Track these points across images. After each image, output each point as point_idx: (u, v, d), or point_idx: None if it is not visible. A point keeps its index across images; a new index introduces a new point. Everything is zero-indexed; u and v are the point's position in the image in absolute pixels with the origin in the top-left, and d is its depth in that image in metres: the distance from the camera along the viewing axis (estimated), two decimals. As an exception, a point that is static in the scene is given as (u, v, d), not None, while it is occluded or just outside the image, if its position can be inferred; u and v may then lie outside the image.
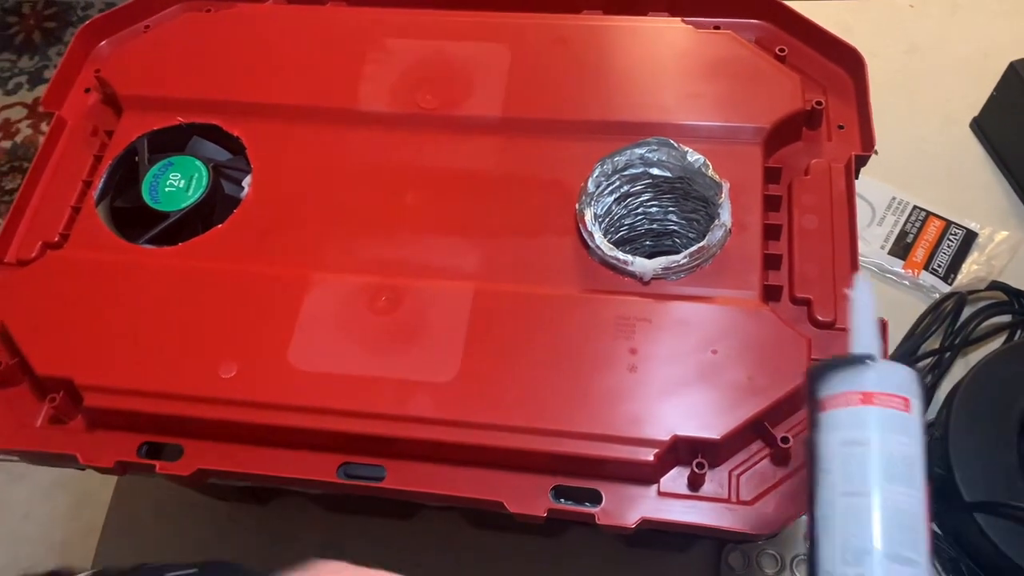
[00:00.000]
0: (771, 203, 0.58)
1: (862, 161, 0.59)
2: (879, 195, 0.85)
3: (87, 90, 0.69)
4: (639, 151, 0.57)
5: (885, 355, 0.42)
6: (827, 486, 0.37)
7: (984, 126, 0.88)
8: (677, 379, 0.51)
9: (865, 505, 0.36)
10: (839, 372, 0.39)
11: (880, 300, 0.50)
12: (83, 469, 0.57)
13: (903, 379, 0.38)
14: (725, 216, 0.54)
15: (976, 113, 0.89)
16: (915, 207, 0.84)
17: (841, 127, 0.61)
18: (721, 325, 0.52)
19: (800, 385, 0.50)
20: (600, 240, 0.55)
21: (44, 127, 0.63)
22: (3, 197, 1.94)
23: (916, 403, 0.38)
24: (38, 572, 0.41)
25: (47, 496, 1.52)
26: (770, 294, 0.55)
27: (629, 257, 0.54)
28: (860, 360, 0.38)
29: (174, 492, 0.81)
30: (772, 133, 0.59)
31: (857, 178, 0.59)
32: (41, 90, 2.09)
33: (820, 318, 0.54)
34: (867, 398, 0.37)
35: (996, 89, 0.86)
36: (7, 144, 2.01)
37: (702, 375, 0.51)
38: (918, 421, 0.38)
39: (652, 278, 0.55)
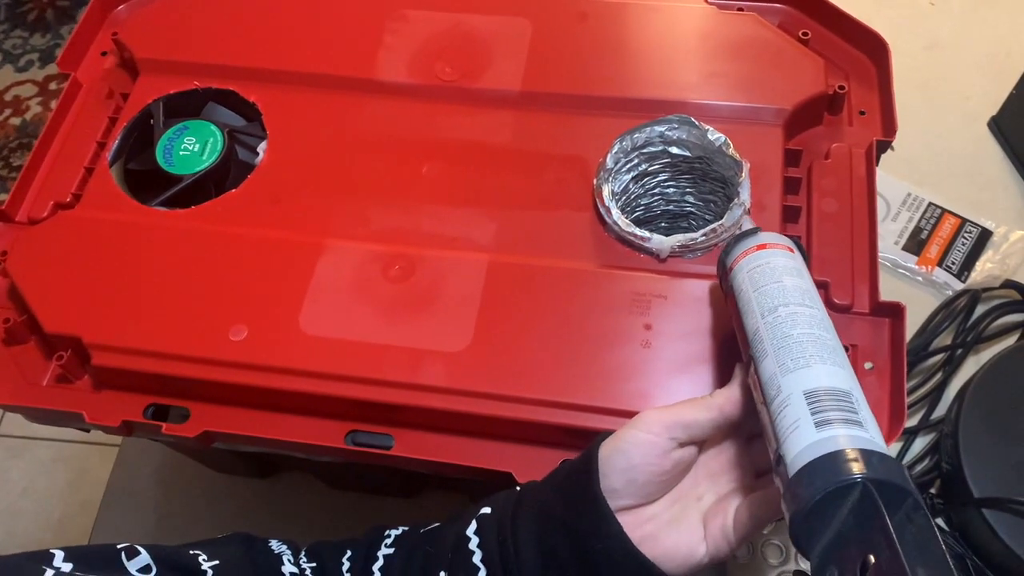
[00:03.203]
0: (791, 185, 0.57)
1: (883, 147, 0.58)
2: (894, 191, 0.85)
3: (103, 53, 0.69)
4: (659, 128, 0.57)
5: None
6: (749, 314, 0.44)
7: (1002, 125, 0.87)
8: (691, 356, 0.51)
9: (784, 316, 0.42)
10: (739, 241, 0.48)
11: (894, 296, 0.52)
12: (88, 431, 0.57)
13: (785, 239, 0.48)
14: (744, 195, 0.54)
15: (995, 112, 0.88)
16: (930, 204, 0.84)
17: (863, 113, 0.61)
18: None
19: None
20: (617, 216, 0.55)
21: (54, 105, 0.63)
22: (11, 174, 1.94)
23: (797, 253, 0.47)
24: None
25: (46, 472, 1.52)
26: (787, 276, 0.54)
27: (647, 234, 0.54)
28: (753, 231, 0.48)
29: (175, 467, 0.81)
30: (794, 115, 0.58)
31: (878, 164, 0.58)
32: (52, 69, 2.09)
33: (837, 301, 0.53)
34: (761, 247, 0.47)
35: (1016, 88, 0.85)
36: (17, 121, 2.01)
37: (717, 353, 0.50)
38: (801, 261, 0.47)
39: (669, 255, 0.54)
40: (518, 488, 0.46)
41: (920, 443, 0.73)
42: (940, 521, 0.69)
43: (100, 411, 0.53)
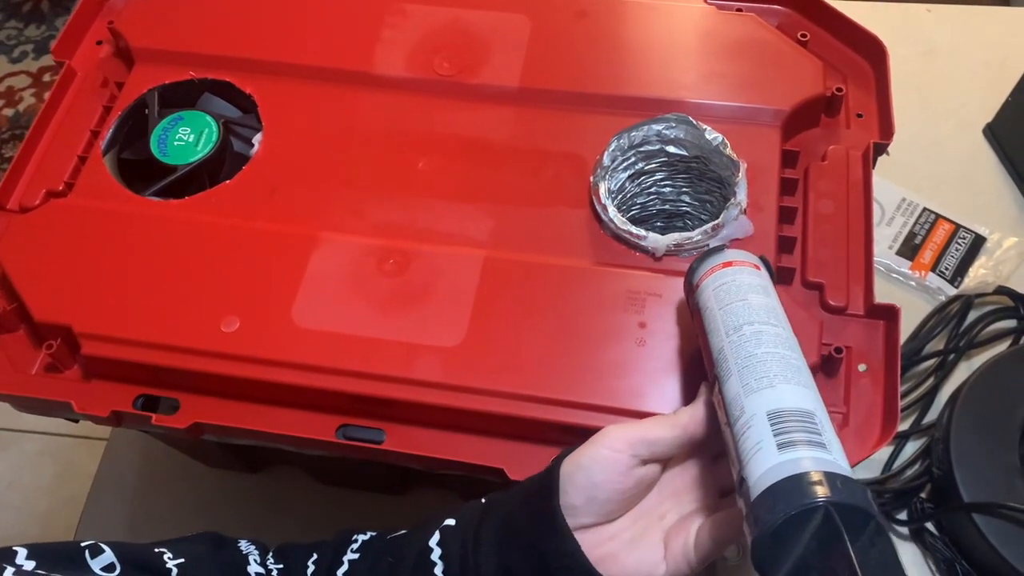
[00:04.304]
0: (787, 186, 0.57)
1: (880, 149, 0.58)
2: (889, 196, 0.85)
3: (99, 42, 0.68)
4: (657, 127, 0.57)
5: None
6: (714, 332, 0.44)
7: (997, 132, 0.88)
8: (686, 355, 0.50)
9: (749, 334, 0.42)
10: (706, 259, 0.48)
11: (887, 301, 0.52)
12: (77, 421, 0.56)
13: (752, 256, 0.48)
14: (741, 196, 0.54)
15: (990, 119, 0.88)
16: (925, 209, 0.84)
17: (860, 115, 0.61)
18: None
19: (811, 365, 0.49)
20: (613, 214, 0.55)
21: (48, 96, 0.62)
22: (3, 165, 1.93)
23: (764, 270, 0.47)
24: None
25: (32, 466, 1.51)
26: (782, 276, 0.54)
27: (642, 232, 0.54)
28: (719, 248, 0.49)
29: (163, 461, 0.80)
30: (791, 116, 0.58)
31: (874, 167, 0.58)
32: (46, 60, 2.08)
33: (832, 303, 0.53)
34: (727, 264, 0.46)
35: (1011, 95, 0.85)
36: (9, 112, 2.00)
37: (711, 352, 0.50)
38: (768, 278, 0.47)
39: (664, 254, 0.54)
40: (483, 500, 0.46)
41: (911, 447, 0.73)
42: (930, 525, 0.69)
43: (89, 401, 0.53)
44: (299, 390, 0.51)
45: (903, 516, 0.70)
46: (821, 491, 0.34)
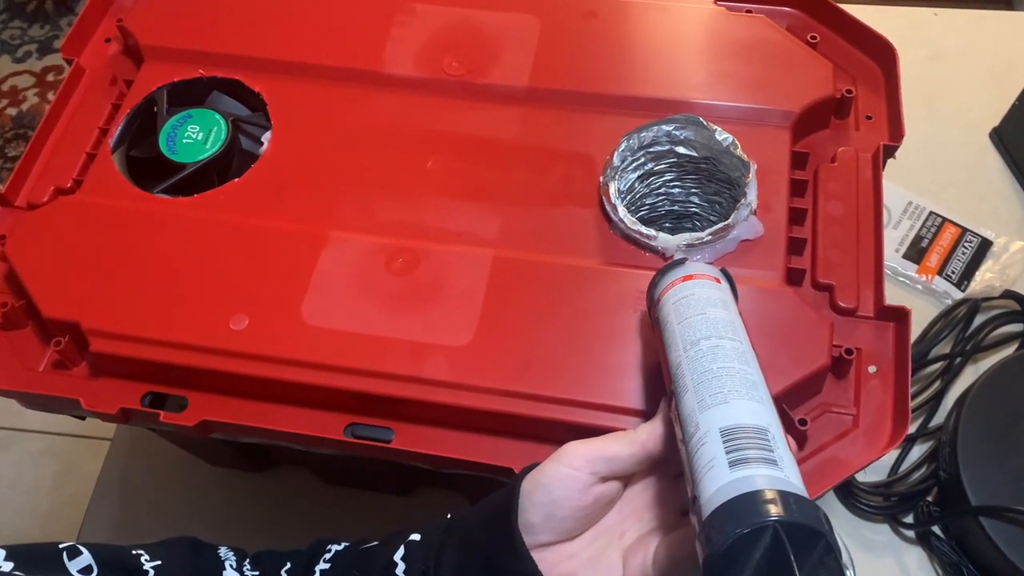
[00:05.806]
0: (797, 188, 0.57)
1: (890, 151, 0.58)
2: (896, 199, 0.85)
3: (108, 40, 0.68)
4: (666, 128, 0.57)
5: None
6: (673, 347, 0.43)
7: (1004, 136, 0.88)
8: (695, 355, 0.50)
9: (706, 349, 0.42)
10: (667, 272, 0.48)
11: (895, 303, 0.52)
12: (83, 418, 0.56)
13: (713, 269, 0.48)
14: (751, 196, 0.54)
15: (997, 123, 0.88)
16: (931, 213, 0.84)
17: (869, 117, 0.61)
18: (743, 305, 0.51)
19: (821, 366, 0.49)
20: (624, 214, 0.55)
21: (51, 96, 0.62)
22: (7, 164, 1.93)
23: (725, 284, 0.47)
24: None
25: (35, 465, 1.51)
26: (793, 277, 0.54)
27: (653, 232, 0.54)
28: (680, 261, 0.48)
29: (167, 460, 0.80)
30: (801, 118, 0.58)
31: (884, 168, 0.58)
32: (50, 60, 2.08)
33: (842, 304, 0.53)
34: (687, 277, 0.46)
35: (1018, 99, 0.85)
36: (13, 111, 2.00)
37: (721, 353, 0.50)
38: (728, 292, 0.47)
39: (674, 254, 0.54)
40: (448, 516, 0.46)
41: (918, 450, 0.73)
42: (936, 529, 0.69)
43: (97, 398, 0.53)
44: (308, 388, 0.51)
45: (909, 519, 0.70)
46: (773, 510, 0.34)
